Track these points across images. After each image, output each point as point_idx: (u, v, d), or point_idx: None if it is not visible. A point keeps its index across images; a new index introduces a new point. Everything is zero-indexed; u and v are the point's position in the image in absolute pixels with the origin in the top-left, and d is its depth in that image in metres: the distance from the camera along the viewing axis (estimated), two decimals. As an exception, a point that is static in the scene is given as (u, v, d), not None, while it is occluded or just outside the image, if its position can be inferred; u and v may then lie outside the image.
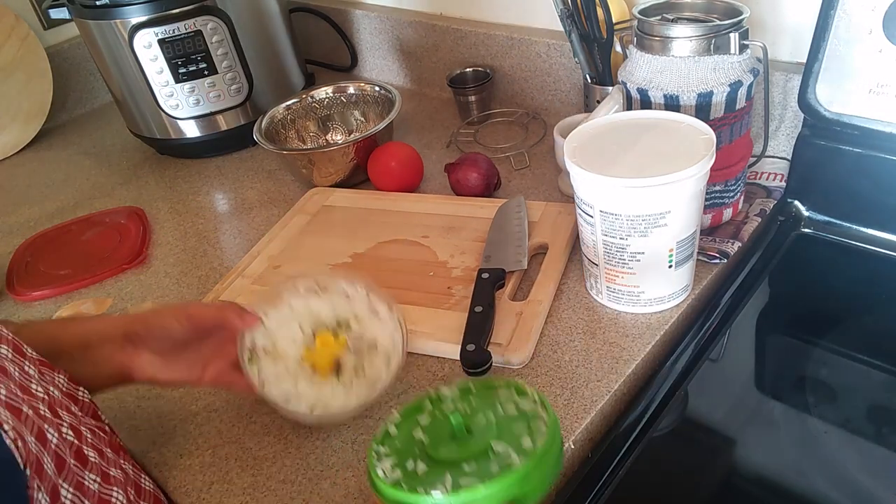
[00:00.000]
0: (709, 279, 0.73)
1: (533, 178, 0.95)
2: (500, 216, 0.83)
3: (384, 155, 0.96)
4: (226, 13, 1.06)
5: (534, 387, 0.50)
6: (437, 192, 0.96)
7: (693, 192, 0.63)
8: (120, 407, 0.71)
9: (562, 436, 0.47)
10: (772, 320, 0.72)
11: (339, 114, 1.12)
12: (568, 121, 0.91)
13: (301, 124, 1.10)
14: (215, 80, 1.08)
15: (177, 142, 1.14)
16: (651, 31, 0.70)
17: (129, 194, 1.10)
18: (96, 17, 1.04)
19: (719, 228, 0.78)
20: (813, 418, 0.61)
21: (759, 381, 0.66)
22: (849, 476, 0.56)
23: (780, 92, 0.84)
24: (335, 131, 1.12)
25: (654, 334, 0.68)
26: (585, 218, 0.67)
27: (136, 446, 0.66)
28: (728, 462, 0.60)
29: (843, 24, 0.70)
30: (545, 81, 1.07)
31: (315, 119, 1.11)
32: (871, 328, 0.69)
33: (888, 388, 0.63)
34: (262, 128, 1.03)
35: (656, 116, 0.68)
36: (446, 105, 1.18)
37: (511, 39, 1.07)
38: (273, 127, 1.06)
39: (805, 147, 0.78)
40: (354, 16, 1.29)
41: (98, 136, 1.32)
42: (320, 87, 1.11)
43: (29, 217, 1.08)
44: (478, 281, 0.72)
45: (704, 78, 0.68)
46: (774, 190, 0.82)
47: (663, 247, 0.65)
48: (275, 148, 0.99)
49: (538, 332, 0.69)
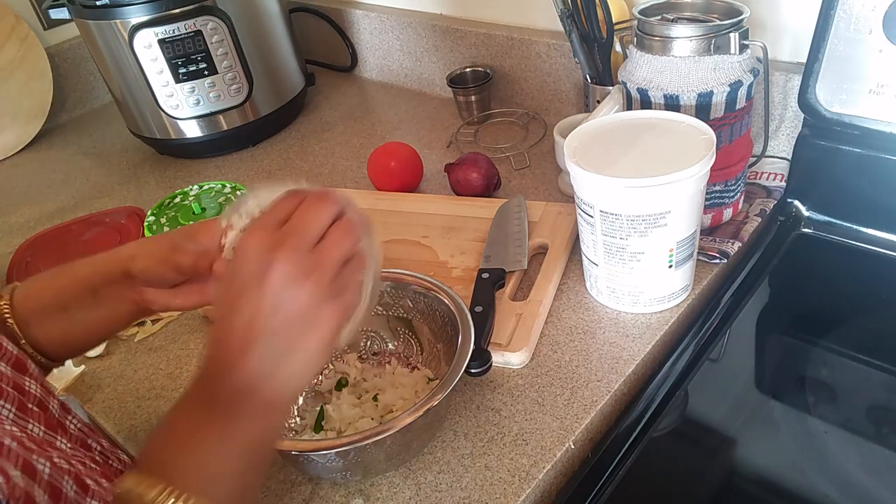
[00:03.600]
0: (709, 279, 0.73)
1: (533, 178, 0.95)
2: (500, 216, 0.83)
3: (384, 155, 0.95)
4: (226, 13, 1.06)
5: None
6: (437, 192, 0.96)
7: (693, 192, 0.63)
8: (120, 407, 0.71)
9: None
10: (772, 320, 0.72)
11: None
12: (568, 121, 0.91)
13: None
14: (215, 80, 1.08)
15: (177, 142, 1.14)
16: (651, 31, 0.70)
17: (129, 194, 1.10)
18: (96, 17, 1.04)
19: (719, 228, 0.78)
20: (813, 418, 0.61)
21: (759, 381, 0.67)
22: (849, 476, 0.56)
23: (780, 92, 0.84)
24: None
25: (654, 334, 0.68)
26: (585, 218, 0.67)
27: (136, 446, 0.66)
28: (728, 462, 0.60)
29: (844, 24, 0.70)
30: (545, 81, 1.07)
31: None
32: (871, 328, 0.69)
33: (888, 388, 0.63)
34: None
35: (656, 116, 0.68)
36: (446, 105, 1.18)
37: (511, 39, 1.07)
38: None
39: (805, 147, 0.78)
40: (354, 16, 1.29)
41: (98, 136, 1.32)
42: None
43: (29, 217, 1.08)
44: (478, 281, 0.72)
45: (704, 78, 0.68)
46: (774, 190, 0.82)
47: (663, 247, 0.65)
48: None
49: (538, 332, 0.69)
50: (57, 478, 0.40)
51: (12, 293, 0.57)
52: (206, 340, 0.46)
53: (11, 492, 0.36)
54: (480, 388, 0.65)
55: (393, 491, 0.58)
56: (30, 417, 0.46)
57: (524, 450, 0.59)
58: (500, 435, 0.60)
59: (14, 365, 0.50)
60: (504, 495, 0.56)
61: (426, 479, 0.58)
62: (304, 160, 1.11)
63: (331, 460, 0.54)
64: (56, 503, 0.39)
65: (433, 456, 0.60)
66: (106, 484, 0.45)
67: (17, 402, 0.45)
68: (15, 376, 0.48)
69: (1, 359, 0.49)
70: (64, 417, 0.51)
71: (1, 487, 0.35)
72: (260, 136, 1.18)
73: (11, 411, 0.44)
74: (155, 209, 0.94)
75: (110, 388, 0.73)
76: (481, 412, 0.63)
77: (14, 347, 0.51)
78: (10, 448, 0.38)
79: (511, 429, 0.61)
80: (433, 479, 0.58)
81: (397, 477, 0.59)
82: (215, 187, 0.98)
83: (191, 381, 0.43)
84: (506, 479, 0.57)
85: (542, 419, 0.61)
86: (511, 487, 0.56)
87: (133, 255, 0.56)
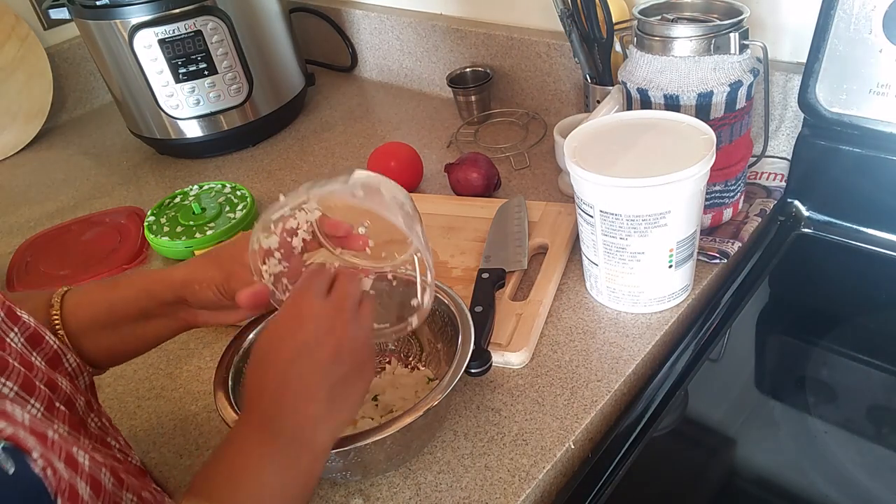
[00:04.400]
0: (709, 279, 0.73)
1: (533, 178, 0.95)
2: (500, 216, 0.83)
3: (384, 155, 0.95)
4: (226, 13, 1.06)
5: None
6: (437, 192, 0.96)
7: (693, 192, 0.63)
8: (120, 407, 0.71)
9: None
10: (772, 320, 0.72)
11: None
12: (568, 121, 0.91)
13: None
14: (215, 80, 1.08)
15: (177, 142, 1.14)
16: (651, 31, 0.70)
17: (129, 194, 1.10)
18: (96, 17, 1.04)
19: (719, 228, 0.78)
20: (813, 418, 0.61)
21: (759, 381, 0.66)
22: (849, 476, 0.56)
23: (780, 92, 0.84)
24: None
25: (654, 334, 0.68)
26: (585, 218, 0.67)
27: (136, 446, 0.66)
28: (728, 462, 0.60)
29: (844, 24, 0.70)
30: (545, 81, 1.07)
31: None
32: (871, 328, 0.69)
33: (888, 388, 0.63)
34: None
35: (656, 116, 0.68)
36: (446, 105, 1.18)
37: (511, 39, 1.07)
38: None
39: (805, 147, 0.78)
40: (354, 16, 1.29)
41: (98, 136, 1.32)
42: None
43: (29, 217, 1.08)
44: (478, 281, 0.72)
45: (704, 78, 0.68)
46: (774, 190, 0.82)
47: (663, 247, 0.65)
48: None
49: (538, 332, 0.69)
50: (95, 470, 0.40)
51: (62, 301, 0.56)
52: (259, 378, 0.49)
53: (58, 484, 0.35)
54: (480, 388, 0.65)
55: (393, 491, 0.58)
56: (55, 417, 0.46)
57: (524, 450, 0.59)
58: (500, 435, 0.60)
59: (49, 360, 0.50)
60: (504, 495, 0.56)
61: (426, 479, 0.58)
62: (304, 160, 1.11)
63: (331, 460, 0.54)
64: (97, 495, 0.39)
65: (433, 456, 0.60)
66: (134, 481, 0.46)
67: (46, 400, 0.46)
68: (49, 372, 0.49)
69: (39, 352, 0.50)
70: (87, 415, 0.52)
71: (49, 481, 0.35)
72: (260, 136, 1.18)
73: (40, 410, 0.45)
74: (155, 209, 0.94)
75: (110, 389, 0.73)
76: (481, 412, 0.63)
77: (55, 340, 0.51)
78: (52, 440, 0.38)
79: (511, 429, 0.61)
80: (433, 479, 0.58)
81: (397, 477, 0.59)
82: (215, 187, 0.98)
83: (241, 421, 0.49)
84: (506, 479, 0.57)
85: (542, 419, 0.61)
86: (511, 487, 0.56)
87: (186, 281, 0.56)
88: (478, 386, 0.65)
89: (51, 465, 0.36)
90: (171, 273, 0.57)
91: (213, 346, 0.76)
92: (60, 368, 0.52)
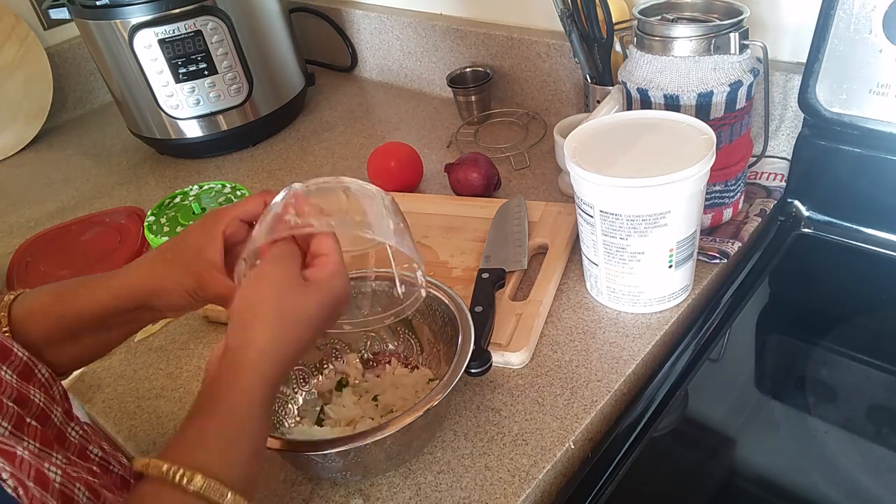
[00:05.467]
0: (709, 279, 0.73)
1: (533, 178, 0.95)
2: (500, 216, 0.83)
3: (384, 155, 0.95)
4: (226, 13, 1.06)
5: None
6: (437, 192, 0.96)
7: (693, 192, 0.63)
8: (120, 407, 0.71)
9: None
10: (772, 320, 0.72)
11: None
12: (568, 121, 0.91)
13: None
14: (215, 80, 1.08)
15: (177, 142, 1.14)
16: (651, 31, 0.70)
17: (129, 194, 1.10)
18: (96, 17, 1.04)
19: (719, 228, 0.78)
20: (813, 418, 0.61)
21: (759, 381, 0.66)
22: (849, 476, 0.56)
23: (780, 92, 0.84)
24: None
25: (654, 334, 0.68)
26: (585, 218, 0.67)
27: (136, 446, 0.66)
28: (728, 462, 0.60)
29: (844, 24, 0.70)
30: (545, 81, 1.07)
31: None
32: (871, 328, 0.69)
33: (888, 388, 0.63)
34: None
35: (656, 116, 0.68)
36: (446, 105, 1.18)
37: (511, 39, 1.07)
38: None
39: (805, 147, 0.78)
40: (354, 16, 1.29)
41: (98, 136, 1.32)
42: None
43: (29, 217, 1.08)
44: (478, 281, 0.72)
45: (704, 78, 0.68)
46: (774, 190, 0.82)
47: (663, 247, 0.65)
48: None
49: (538, 332, 0.69)
50: (69, 486, 0.40)
51: (10, 308, 0.54)
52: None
53: (30, 503, 0.36)
54: (480, 388, 0.65)
55: (393, 491, 0.58)
56: (25, 434, 0.45)
57: (524, 450, 0.59)
58: (500, 435, 0.60)
59: (21, 372, 0.48)
60: (504, 495, 0.56)
61: (426, 479, 0.58)
62: (304, 160, 1.11)
63: (331, 460, 0.54)
64: None
65: (433, 456, 0.60)
66: (111, 495, 0.45)
67: (15, 417, 0.44)
68: (20, 385, 0.47)
69: (8, 365, 0.48)
70: (66, 425, 0.50)
71: (21, 501, 0.35)
72: (260, 136, 1.18)
73: (7, 429, 0.43)
74: (155, 209, 0.94)
75: (110, 388, 0.73)
76: (481, 412, 0.63)
77: (24, 353, 0.49)
78: (22, 458, 0.38)
79: (511, 429, 0.61)
80: (433, 479, 0.58)
81: (397, 477, 0.59)
82: (215, 187, 0.98)
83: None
84: (506, 479, 0.57)
85: (542, 419, 0.61)
86: (511, 487, 0.56)
87: (154, 290, 0.53)
88: (478, 386, 0.65)
89: (22, 485, 0.36)
90: (133, 280, 0.54)
91: (213, 346, 0.76)
92: (34, 380, 0.49)
